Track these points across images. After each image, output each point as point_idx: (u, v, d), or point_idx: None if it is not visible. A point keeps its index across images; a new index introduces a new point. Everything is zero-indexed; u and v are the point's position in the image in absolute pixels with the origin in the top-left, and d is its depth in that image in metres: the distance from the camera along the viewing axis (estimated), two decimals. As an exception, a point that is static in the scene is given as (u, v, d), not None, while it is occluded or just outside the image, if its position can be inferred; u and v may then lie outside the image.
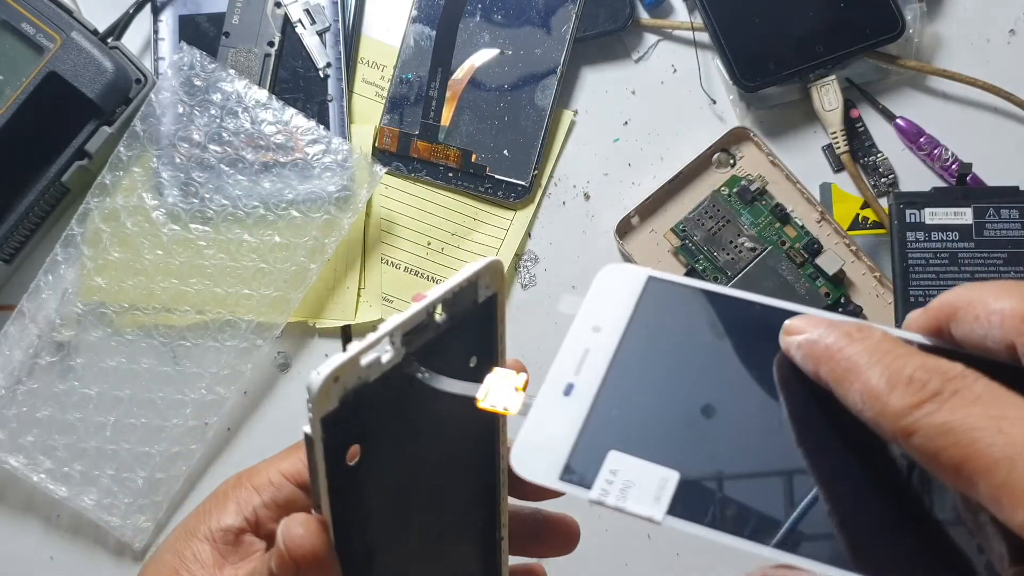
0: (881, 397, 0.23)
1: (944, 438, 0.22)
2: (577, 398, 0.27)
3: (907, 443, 0.23)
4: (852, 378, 0.24)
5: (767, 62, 0.61)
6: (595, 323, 0.29)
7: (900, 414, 0.23)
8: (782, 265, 0.60)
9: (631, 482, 0.25)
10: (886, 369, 0.24)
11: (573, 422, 0.27)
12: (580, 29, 0.62)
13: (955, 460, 0.22)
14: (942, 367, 0.23)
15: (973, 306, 0.26)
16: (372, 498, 0.29)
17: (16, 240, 0.60)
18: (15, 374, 0.60)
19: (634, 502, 0.25)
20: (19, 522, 0.61)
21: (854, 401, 0.24)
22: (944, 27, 0.64)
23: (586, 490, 0.25)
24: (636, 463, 0.25)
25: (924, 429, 0.22)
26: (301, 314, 0.62)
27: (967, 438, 0.22)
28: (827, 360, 0.25)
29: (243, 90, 0.60)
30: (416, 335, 0.28)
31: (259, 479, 0.35)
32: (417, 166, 0.63)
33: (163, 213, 0.60)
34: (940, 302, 0.27)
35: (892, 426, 0.23)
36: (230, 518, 0.34)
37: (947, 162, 0.62)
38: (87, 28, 0.59)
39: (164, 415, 0.60)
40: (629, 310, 0.29)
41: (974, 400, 0.22)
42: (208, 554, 0.34)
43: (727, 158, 0.63)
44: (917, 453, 0.23)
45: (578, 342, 0.28)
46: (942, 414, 0.22)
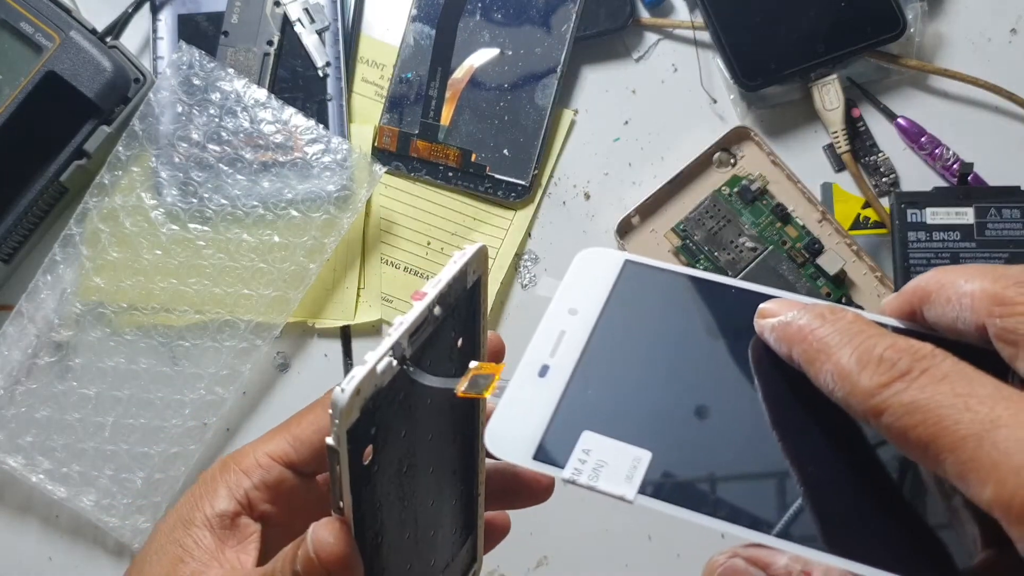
0: (851, 377, 0.24)
1: (912, 416, 0.22)
2: (552, 379, 0.27)
3: (877, 422, 0.23)
4: (823, 358, 0.25)
5: (768, 61, 0.61)
6: (571, 305, 0.29)
7: (870, 393, 0.23)
8: (783, 265, 0.60)
9: (604, 462, 0.25)
10: (856, 349, 0.24)
11: (547, 403, 0.27)
12: (580, 28, 0.62)
13: (923, 438, 0.22)
14: (912, 347, 0.23)
15: (945, 288, 0.26)
16: (382, 490, 0.30)
17: (15, 240, 0.60)
18: (14, 374, 0.59)
19: (606, 481, 0.25)
20: (18, 523, 0.61)
21: (825, 381, 0.24)
22: (945, 26, 0.64)
23: (559, 469, 0.25)
24: (609, 443, 0.26)
25: (893, 408, 0.23)
26: (300, 314, 0.62)
27: (934, 416, 0.22)
28: (800, 341, 0.25)
29: (242, 89, 0.60)
30: (419, 332, 0.28)
31: (247, 462, 0.36)
32: (417, 166, 0.63)
33: (162, 213, 0.60)
34: (913, 285, 0.27)
35: (862, 405, 0.23)
36: (223, 502, 0.35)
37: (948, 162, 0.62)
38: (86, 27, 0.58)
39: (163, 415, 0.60)
40: (605, 293, 0.29)
41: (942, 378, 0.22)
42: (209, 540, 0.34)
43: (728, 158, 0.63)
44: (887, 432, 0.23)
45: (554, 324, 0.29)
46: (910, 393, 0.23)
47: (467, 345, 0.32)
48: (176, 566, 0.33)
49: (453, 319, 0.30)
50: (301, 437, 0.35)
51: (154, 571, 0.34)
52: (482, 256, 0.31)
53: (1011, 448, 0.21)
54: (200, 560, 0.33)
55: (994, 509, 0.21)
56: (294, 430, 0.36)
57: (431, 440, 0.31)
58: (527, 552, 0.61)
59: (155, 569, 0.34)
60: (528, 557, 0.61)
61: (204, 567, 0.33)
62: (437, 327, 0.29)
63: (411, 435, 0.30)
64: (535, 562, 0.61)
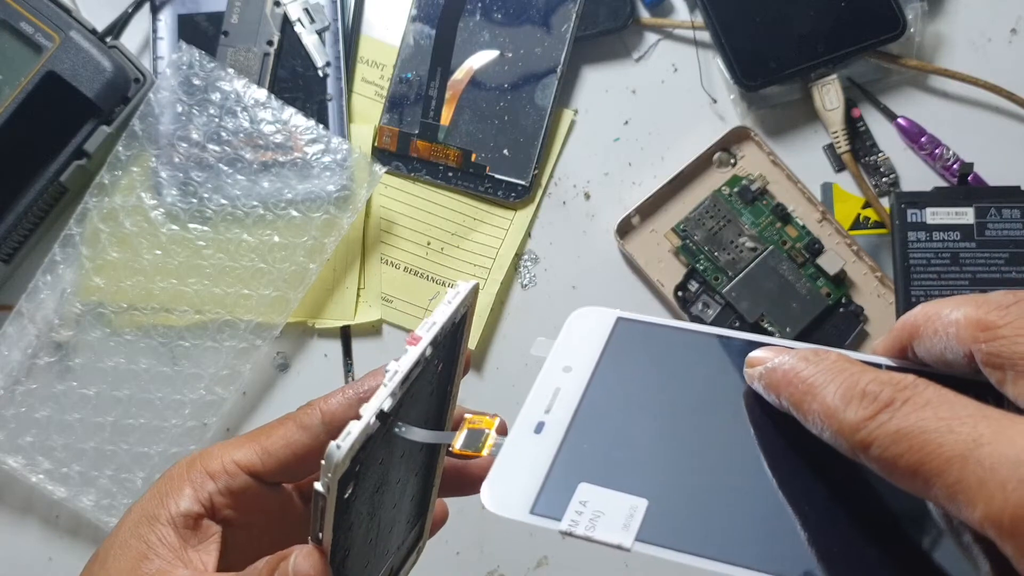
0: (837, 414, 0.24)
1: (898, 445, 0.22)
2: (547, 435, 0.28)
3: (867, 456, 0.23)
4: (810, 399, 0.25)
5: (768, 61, 0.61)
6: (566, 363, 0.30)
7: (855, 427, 0.23)
8: (783, 265, 0.60)
9: (600, 512, 0.25)
10: (840, 386, 0.24)
11: (543, 458, 0.27)
12: (580, 28, 0.62)
13: (911, 465, 0.22)
14: (893, 378, 0.24)
15: (932, 321, 0.26)
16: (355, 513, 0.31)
17: (14, 240, 0.60)
18: (13, 374, 0.59)
19: (603, 530, 0.25)
20: (18, 523, 0.61)
21: (814, 422, 0.25)
22: (945, 26, 0.64)
23: (556, 522, 0.25)
24: (605, 493, 0.26)
25: (879, 439, 0.23)
26: (300, 314, 0.62)
27: (919, 441, 0.22)
28: (786, 385, 0.26)
29: (242, 89, 0.60)
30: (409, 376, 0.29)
31: (213, 465, 0.36)
32: (417, 166, 0.63)
33: (162, 213, 0.60)
34: (902, 322, 0.27)
35: (850, 441, 0.23)
36: (187, 502, 0.35)
37: (948, 162, 0.62)
38: (86, 27, 0.58)
39: (163, 416, 0.60)
40: (599, 350, 0.30)
41: (924, 404, 0.23)
42: (173, 538, 0.34)
43: (728, 157, 0.63)
44: (877, 465, 0.23)
45: (549, 382, 0.29)
46: (894, 422, 0.23)
47: (445, 370, 0.32)
48: (140, 563, 0.34)
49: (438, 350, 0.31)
50: (270, 450, 0.36)
51: (118, 565, 0.34)
52: (474, 293, 0.32)
53: (995, 464, 0.21)
54: (164, 558, 0.34)
55: (986, 527, 0.21)
56: (264, 442, 0.36)
57: (403, 457, 0.32)
58: (527, 552, 0.61)
59: (119, 564, 0.34)
60: (528, 557, 0.61)
61: (169, 566, 0.33)
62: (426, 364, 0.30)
63: (387, 460, 0.30)
64: (535, 562, 0.61)
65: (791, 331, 0.59)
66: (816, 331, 0.60)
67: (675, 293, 0.61)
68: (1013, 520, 0.20)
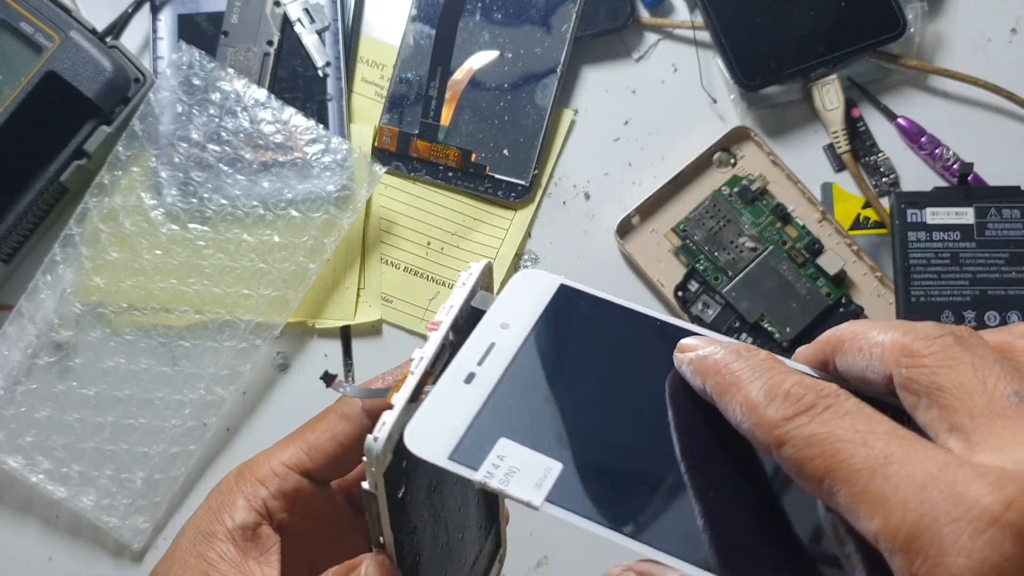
0: (758, 408, 0.25)
1: (811, 448, 0.23)
2: (476, 387, 0.28)
3: (779, 453, 0.24)
4: (734, 391, 0.26)
5: (768, 61, 0.61)
6: (504, 320, 0.30)
7: (774, 424, 0.24)
8: (783, 265, 0.60)
9: (516, 468, 0.26)
10: (765, 383, 0.25)
11: (469, 408, 0.28)
12: (580, 28, 0.62)
13: (820, 470, 0.23)
14: (817, 384, 0.25)
15: (858, 339, 0.27)
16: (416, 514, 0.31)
17: (14, 240, 0.59)
18: (13, 374, 0.59)
19: (516, 486, 0.26)
20: (18, 523, 0.61)
21: (734, 412, 0.26)
22: (945, 26, 0.64)
23: (472, 471, 0.26)
24: (523, 451, 0.27)
25: (794, 439, 0.24)
26: (300, 314, 0.62)
27: (832, 448, 0.23)
28: (714, 374, 0.27)
29: (242, 89, 0.60)
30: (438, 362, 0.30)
31: (262, 471, 0.36)
32: (417, 166, 0.63)
33: (162, 213, 0.60)
34: (828, 335, 0.28)
35: (766, 436, 0.24)
36: (243, 514, 0.35)
37: (948, 162, 0.62)
38: (86, 27, 0.58)
39: (163, 415, 0.60)
40: (537, 312, 0.31)
41: (844, 415, 0.24)
42: (233, 553, 0.34)
43: (728, 157, 0.63)
44: (786, 463, 0.24)
45: (486, 335, 0.30)
46: (812, 426, 0.24)
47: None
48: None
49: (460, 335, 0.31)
50: (316, 445, 0.36)
51: None
52: (487, 272, 0.32)
53: (901, 483, 0.22)
54: (226, 573, 0.34)
55: (880, 540, 0.22)
56: (308, 438, 0.36)
57: None
58: (527, 552, 0.61)
59: None
60: (528, 557, 0.61)
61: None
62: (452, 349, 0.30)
63: None
64: (535, 562, 0.61)
65: (791, 331, 0.59)
66: (816, 331, 0.60)
67: (675, 293, 0.61)
68: (907, 537, 0.21)
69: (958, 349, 0.25)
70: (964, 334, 0.25)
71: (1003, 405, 0.23)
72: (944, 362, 0.24)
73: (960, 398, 0.24)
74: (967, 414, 0.23)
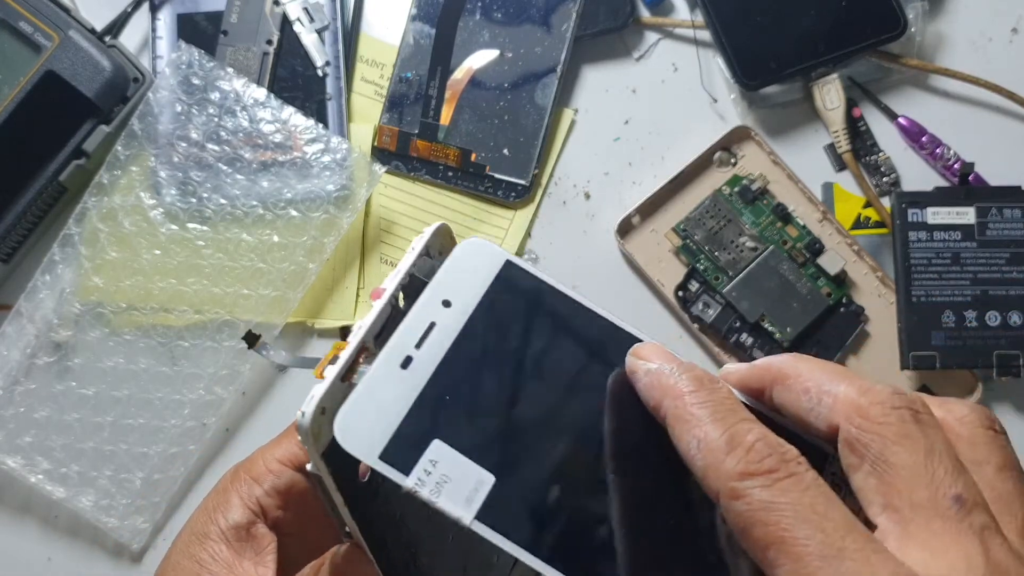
0: (717, 453, 0.25)
1: (767, 514, 0.23)
2: (413, 373, 0.27)
3: (728, 504, 0.24)
4: (692, 424, 0.25)
5: (768, 61, 0.61)
6: (447, 296, 0.28)
7: (731, 476, 0.24)
8: (784, 265, 0.60)
9: (448, 477, 0.25)
10: (728, 429, 0.25)
11: (404, 399, 0.26)
12: (580, 27, 0.62)
13: (769, 538, 0.23)
14: (782, 447, 0.25)
15: (803, 379, 0.27)
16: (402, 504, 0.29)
17: (13, 240, 0.59)
18: (12, 374, 0.59)
19: (447, 499, 0.25)
20: (17, 523, 0.61)
21: (688, 445, 0.25)
22: (946, 26, 0.64)
23: (404, 476, 0.25)
24: (457, 458, 0.26)
25: (750, 499, 0.23)
26: (300, 314, 0.61)
27: (788, 522, 0.23)
28: (674, 397, 0.26)
29: (241, 89, 0.60)
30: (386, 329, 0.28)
31: (256, 469, 0.35)
32: (416, 165, 0.63)
33: (161, 212, 0.60)
34: (767, 364, 0.28)
35: (719, 482, 0.24)
36: (237, 513, 0.35)
37: (949, 161, 0.62)
38: (85, 27, 0.58)
39: (162, 416, 0.60)
40: (481, 292, 0.29)
41: (804, 489, 0.24)
42: (225, 553, 0.34)
43: (728, 157, 0.62)
44: (733, 517, 0.24)
45: (426, 313, 0.28)
46: (772, 492, 0.23)
47: None
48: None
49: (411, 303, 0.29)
50: None
51: None
52: (444, 233, 0.31)
53: None
54: (217, 574, 0.33)
55: None
56: None
57: None
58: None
59: None
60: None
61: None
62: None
63: None
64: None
65: (791, 331, 0.59)
66: (817, 331, 0.60)
67: (675, 293, 0.61)
68: None
69: (914, 427, 0.25)
70: (921, 411, 0.25)
71: (944, 506, 0.23)
72: (897, 438, 0.24)
73: (904, 481, 0.24)
74: (907, 501, 0.24)
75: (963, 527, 0.23)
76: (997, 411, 0.62)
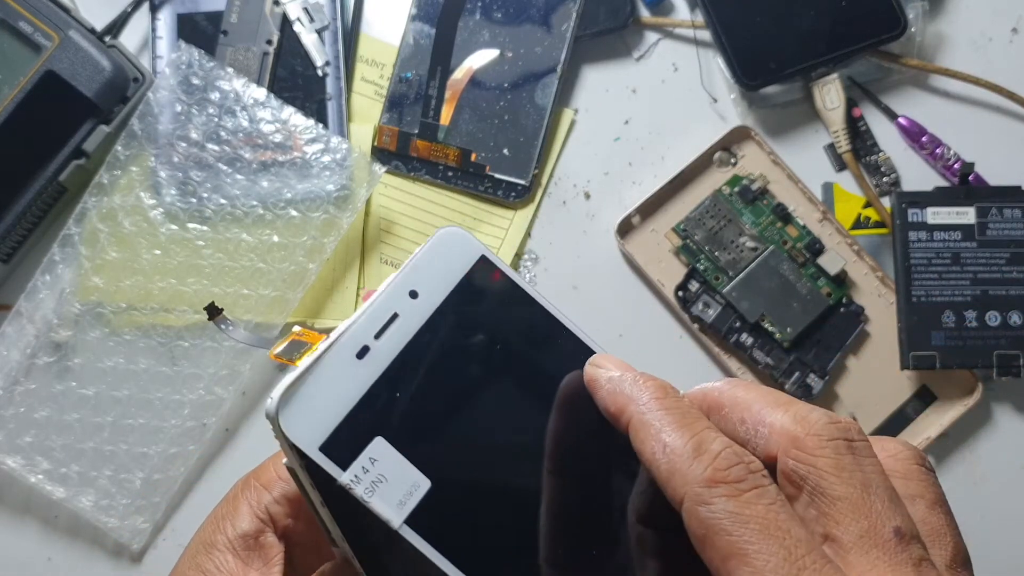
0: (684, 458, 0.24)
1: (731, 523, 0.23)
2: (367, 365, 0.26)
3: (692, 508, 0.24)
4: (658, 428, 0.25)
5: (768, 61, 0.61)
6: (414, 287, 0.28)
7: (699, 481, 0.24)
8: (784, 265, 0.60)
9: (384, 477, 0.25)
10: (694, 435, 0.25)
11: (353, 392, 0.26)
12: (580, 27, 0.62)
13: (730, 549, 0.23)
14: (748, 457, 0.25)
15: (739, 408, 0.27)
16: None
17: (13, 240, 0.59)
18: (12, 375, 0.59)
19: (379, 500, 0.24)
20: (17, 523, 0.61)
21: (652, 450, 0.25)
22: (946, 26, 0.64)
23: (340, 471, 0.25)
24: (396, 459, 0.25)
25: (715, 507, 0.23)
26: (300, 314, 0.61)
27: (751, 535, 0.23)
28: (638, 404, 0.26)
29: (241, 89, 0.60)
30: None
31: (266, 476, 0.35)
32: (416, 165, 0.63)
33: (161, 212, 0.60)
34: (702, 393, 0.28)
35: (685, 488, 0.24)
36: (245, 522, 0.34)
37: (949, 161, 0.62)
38: (85, 27, 0.58)
39: (162, 416, 0.60)
40: (450, 286, 0.28)
41: (770, 503, 0.24)
42: (232, 564, 0.34)
43: (728, 157, 0.62)
44: (696, 523, 0.24)
45: (391, 304, 0.27)
46: (738, 503, 0.23)
47: None
48: None
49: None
50: None
51: None
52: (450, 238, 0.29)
53: None
54: None
55: None
56: None
57: None
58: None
59: None
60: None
61: None
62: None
63: None
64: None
65: (792, 331, 0.59)
66: (817, 331, 0.60)
67: (675, 293, 0.61)
68: None
69: (850, 459, 0.25)
70: (857, 441, 0.25)
71: (884, 537, 0.24)
72: (834, 470, 0.24)
73: (844, 513, 0.24)
74: (847, 531, 0.24)
75: (902, 558, 0.23)
76: (997, 411, 0.62)
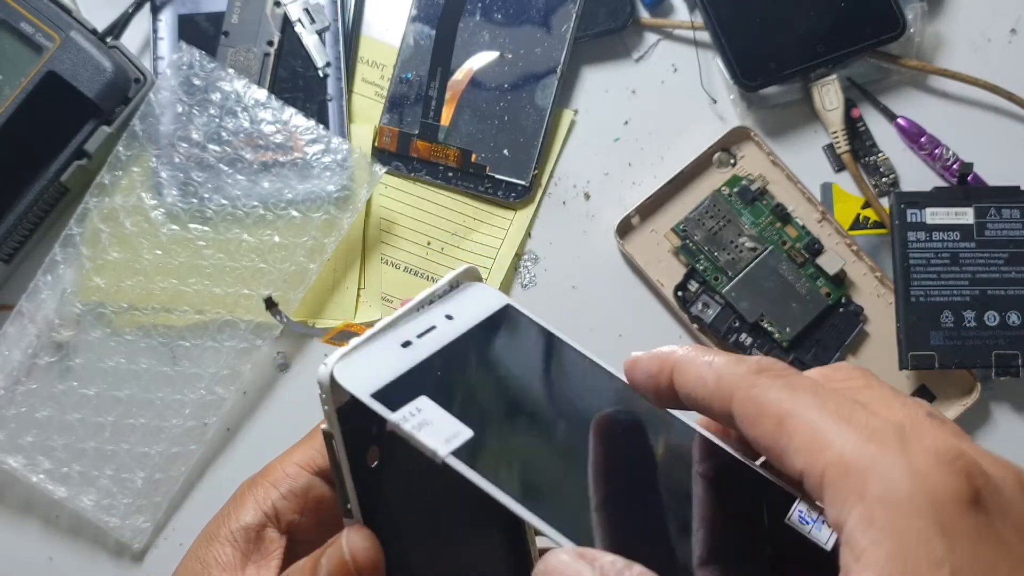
0: (729, 365, 0.27)
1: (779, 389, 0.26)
2: (410, 353, 0.29)
3: (741, 396, 0.26)
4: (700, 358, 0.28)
5: (768, 61, 0.61)
6: (451, 312, 0.32)
7: (750, 369, 0.26)
8: (783, 265, 0.60)
9: (430, 421, 0.27)
10: (732, 355, 0.28)
11: (401, 365, 0.29)
12: (580, 28, 0.62)
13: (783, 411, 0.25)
14: (777, 360, 0.28)
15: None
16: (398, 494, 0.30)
17: (15, 240, 0.60)
18: (14, 374, 0.59)
19: (427, 435, 0.26)
20: (18, 523, 0.61)
21: (696, 374, 0.28)
22: (945, 26, 0.64)
23: (390, 412, 0.27)
24: (439, 411, 0.28)
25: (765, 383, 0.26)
26: (300, 314, 0.62)
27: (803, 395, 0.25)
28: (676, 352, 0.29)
29: (242, 89, 0.60)
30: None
31: (274, 474, 0.36)
32: (417, 166, 0.63)
33: (162, 213, 0.60)
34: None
35: (733, 384, 0.26)
36: (248, 516, 0.35)
37: (948, 162, 0.62)
38: (86, 27, 0.58)
39: (163, 415, 0.60)
40: (481, 316, 0.32)
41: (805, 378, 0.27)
42: (229, 555, 0.34)
43: (728, 158, 0.63)
44: (747, 404, 0.26)
45: (430, 318, 0.31)
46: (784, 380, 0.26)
47: None
48: None
49: None
50: None
51: None
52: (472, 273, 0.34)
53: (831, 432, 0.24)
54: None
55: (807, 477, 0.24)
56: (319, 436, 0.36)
57: None
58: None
59: None
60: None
61: None
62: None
63: None
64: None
65: (791, 331, 0.59)
66: (816, 331, 0.60)
67: (675, 293, 0.61)
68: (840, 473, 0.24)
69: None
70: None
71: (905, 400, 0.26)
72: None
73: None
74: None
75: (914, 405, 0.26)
76: (996, 411, 0.62)
